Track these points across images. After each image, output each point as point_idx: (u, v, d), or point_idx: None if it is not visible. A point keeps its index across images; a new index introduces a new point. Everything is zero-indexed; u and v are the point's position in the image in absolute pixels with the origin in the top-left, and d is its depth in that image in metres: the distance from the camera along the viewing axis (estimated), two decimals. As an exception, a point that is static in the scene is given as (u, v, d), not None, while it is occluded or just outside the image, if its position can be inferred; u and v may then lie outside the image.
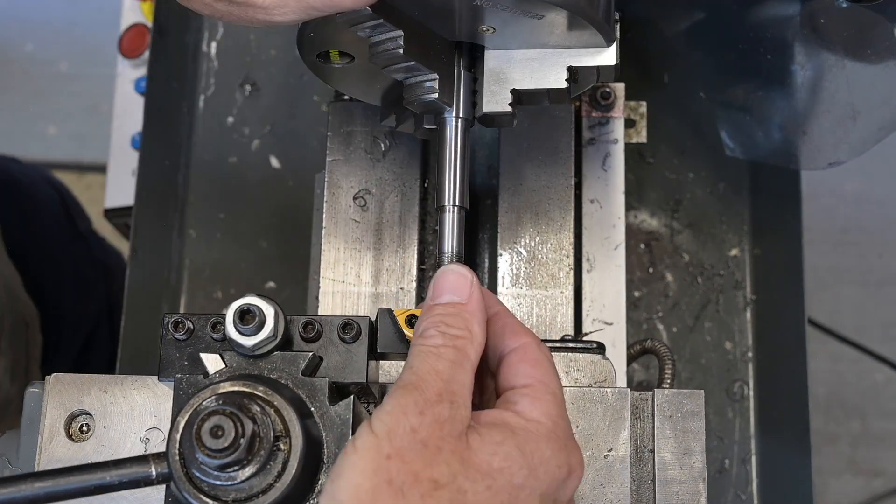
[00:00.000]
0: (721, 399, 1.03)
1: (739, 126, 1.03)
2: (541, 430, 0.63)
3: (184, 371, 0.68)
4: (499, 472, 0.61)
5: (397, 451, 0.59)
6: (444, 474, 0.59)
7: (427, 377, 0.63)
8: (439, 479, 0.59)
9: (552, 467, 0.62)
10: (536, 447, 0.62)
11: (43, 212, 1.32)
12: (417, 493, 0.58)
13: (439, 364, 0.63)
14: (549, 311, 0.84)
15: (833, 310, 2.23)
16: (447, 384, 0.63)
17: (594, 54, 0.74)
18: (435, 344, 0.65)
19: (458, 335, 0.65)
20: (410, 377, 0.63)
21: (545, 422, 0.64)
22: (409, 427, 0.60)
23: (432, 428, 0.61)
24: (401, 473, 0.59)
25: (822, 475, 2.19)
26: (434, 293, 0.68)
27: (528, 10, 0.70)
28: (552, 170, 0.86)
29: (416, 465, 0.59)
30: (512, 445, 0.62)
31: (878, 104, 0.92)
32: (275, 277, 1.09)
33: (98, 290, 1.39)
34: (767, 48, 0.96)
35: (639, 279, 1.05)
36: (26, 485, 0.61)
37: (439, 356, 0.64)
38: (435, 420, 0.61)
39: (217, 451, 0.60)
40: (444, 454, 0.60)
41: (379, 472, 0.59)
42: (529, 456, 0.62)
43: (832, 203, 2.32)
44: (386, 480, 0.58)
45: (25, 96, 2.53)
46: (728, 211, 1.06)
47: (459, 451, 0.60)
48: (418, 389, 0.62)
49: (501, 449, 0.61)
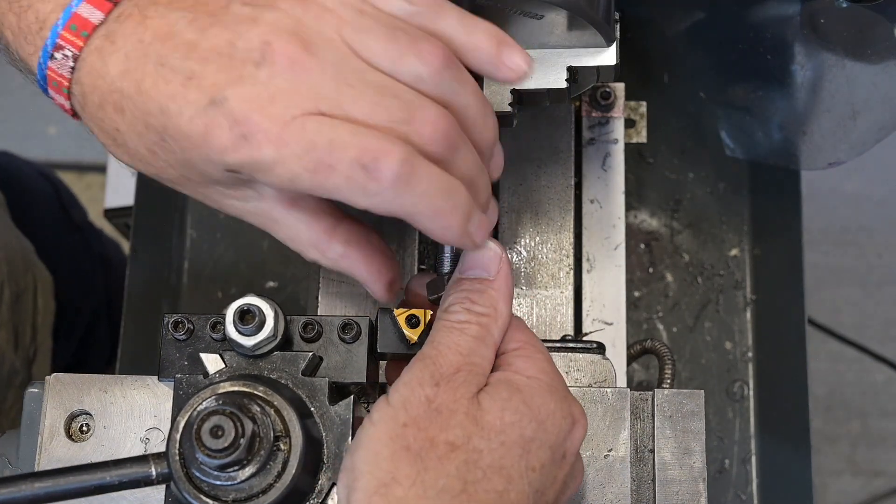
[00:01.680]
0: (721, 399, 1.03)
1: (739, 126, 1.03)
2: (542, 385, 0.65)
3: (184, 371, 0.68)
4: (510, 426, 0.62)
5: (413, 419, 0.61)
6: (458, 436, 0.61)
7: (446, 352, 0.64)
8: (455, 441, 0.61)
9: (558, 419, 0.64)
10: (542, 401, 0.64)
11: (37, 204, 1.31)
12: (435, 456, 0.60)
13: (461, 339, 0.65)
14: (549, 311, 0.84)
15: (833, 310, 2.23)
16: (466, 358, 0.64)
17: (594, 54, 0.74)
18: (459, 320, 0.66)
19: (484, 313, 0.66)
20: (430, 351, 0.64)
21: (543, 377, 0.65)
22: (425, 397, 0.62)
23: (447, 395, 0.62)
24: (417, 440, 0.60)
25: (822, 475, 2.19)
26: (463, 266, 0.68)
27: (528, 10, 0.70)
28: (552, 170, 0.86)
29: (432, 430, 0.61)
30: (519, 401, 0.63)
31: (878, 104, 0.92)
32: (275, 277, 1.09)
33: (96, 281, 1.39)
34: (767, 48, 0.96)
35: (639, 279, 1.05)
36: (26, 485, 0.61)
37: (462, 332, 0.65)
38: (449, 388, 0.62)
39: (217, 451, 0.60)
40: (458, 416, 0.62)
41: (396, 440, 0.60)
42: (537, 409, 0.63)
43: (832, 203, 2.32)
44: (403, 447, 0.60)
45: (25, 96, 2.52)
46: (728, 211, 1.06)
47: (472, 412, 0.62)
48: (436, 364, 0.63)
49: (510, 404, 0.63)
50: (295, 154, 0.59)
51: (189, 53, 0.60)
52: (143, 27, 0.62)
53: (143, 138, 0.62)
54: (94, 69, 0.62)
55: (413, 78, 0.62)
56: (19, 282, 1.20)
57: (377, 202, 0.60)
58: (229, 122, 0.59)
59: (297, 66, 0.60)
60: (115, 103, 0.62)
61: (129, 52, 0.61)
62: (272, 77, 0.59)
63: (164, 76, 0.60)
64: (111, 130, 0.63)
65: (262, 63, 0.59)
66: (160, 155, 0.63)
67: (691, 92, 1.08)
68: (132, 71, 0.61)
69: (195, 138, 0.60)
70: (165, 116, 0.60)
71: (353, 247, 0.67)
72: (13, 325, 1.18)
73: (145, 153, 0.63)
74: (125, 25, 0.62)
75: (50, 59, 0.63)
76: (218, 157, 0.60)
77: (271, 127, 0.59)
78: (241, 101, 0.59)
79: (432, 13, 0.64)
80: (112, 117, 0.63)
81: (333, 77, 0.60)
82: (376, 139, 0.59)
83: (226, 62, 0.60)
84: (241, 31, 0.60)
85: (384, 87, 0.61)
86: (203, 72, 0.60)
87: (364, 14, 0.62)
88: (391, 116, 0.60)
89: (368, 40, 0.62)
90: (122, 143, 0.64)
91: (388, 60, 0.62)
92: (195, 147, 0.61)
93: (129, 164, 0.65)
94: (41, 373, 1.25)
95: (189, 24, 0.61)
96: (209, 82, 0.59)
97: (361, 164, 0.59)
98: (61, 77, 0.63)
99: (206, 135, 0.60)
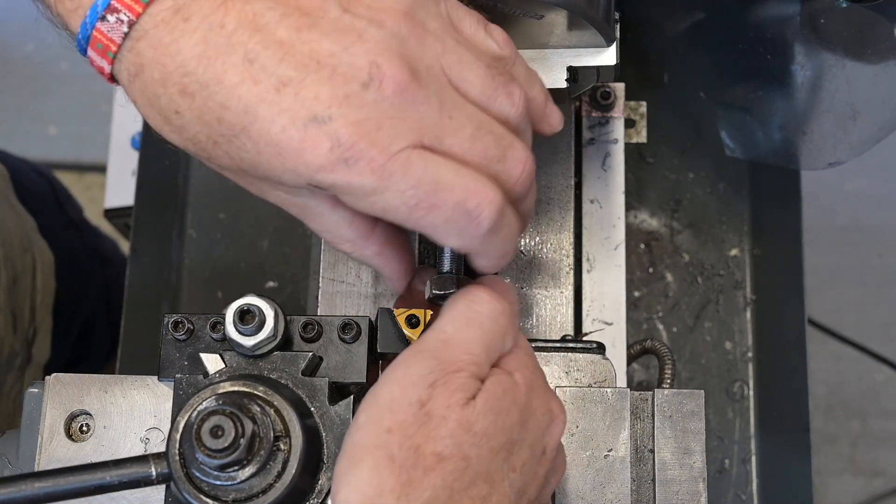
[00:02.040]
0: (721, 399, 1.03)
1: (739, 126, 1.03)
2: (524, 381, 0.63)
3: (184, 371, 0.68)
4: (501, 431, 0.60)
5: (399, 424, 0.58)
6: (447, 446, 0.58)
7: (454, 348, 0.61)
8: (442, 452, 0.58)
9: (538, 416, 0.63)
10: (526, 399, 0.62)
11: (33, 201, 1.31)
12: (421, 468, 0.57)
13: (477, 335, 0.62)
14: (549, 311, 0.84)
15: (833, 310, 2.23)
16: (475, 357, 0.61)
17: (594, 54, 0.74)
18: (482, 311, 0.63)
19: (514, 302, 0.64)
20: (434, 343, 0.61)
21: (526, 373, 0.64)
22: (416, 399, 0.59)
23: (441, 400, 0.59)
24: (402, 448, 0.57)
25: (822, 475, 2.19)
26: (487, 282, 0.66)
27: (528, 10, 0.70)
28: (552, 170, 0.86)
29: (419, 438, 0.58)
30: (510, 402, 0.61)
31: (878, 104, 0.92)
32: (275, 277, 1.09)
33: (93, 277, 1.39)
34: (767, 48, 0.96)
35: (639, 279, 1.05)
36: (26, 485, 0.61)
37: (481, 325, 0.62)
38: (446, 391, 0.59)
39: (217, 451, 0.60)
40: (449, 424, 0.58)
41: (380, 448, 0.57)
42: (522, 409, 0.62)
43: (832, 203, 2.32)
44: (387, 457, 0.57)
45: (25, 96, 2.53)
46: (728, 211, 1.06)
47: (465, 419, 0.59)
48: (438, 359, 0.60)
49: (502, 406, 0.61)
50: (398, 188, 0.58)
51: (283, 55, 0.57)
52: (223, 10, 0.58)
53: (210, 128, 0.59)
54: (160, 44, 0.58)
55: (501, 117, 0.62)
56: (16, 265, 1.20)
57: (465, 243, 0.61)
58: (331, 143, 0.57)
59: (406, 94, 0.58)
60: (182, 86, 0.58)
61: (208, 37, 0.58)
62: (379, 101, 0.57)
63: (254, 75, 0.57)
64: (168, 111, 0.59)
65: (370, 85, 0.57)
66: (223, 146, 0.60)
67: (691, 92, 1.08)
68: (212, 59, 0.57)
69: (285, 149, 0.58)
70: (250, 118, 0.58)
71: (388, 246, 0.66)
72: (10, 309, 1.18)
73: (205, 141, 0.60)
74: (201, 3, 0.58)
75: (100, 19, 0.59)
76: (307, 173, 0.58)
77: (377, 156, 0.57)
78: (348, 124, 0.57)
79: (512, 60, 0.65)
80: (175, 99, 0.59)
81: (438, 108, 0.59)
82: (476, 181, 0.59)
83: (327, 75, 0.57)
84: (347, 44, 0.58)
85: (481, 123, 0.61)
86: (302, 81, 0.57)
87: (461, 45, 0.62)
88: (487, 154, 0.60)
89: (468, 73, 0.61)
90: (179, 126, 0.60)
91: (483, 96, 0.62)
92: (280, 156, 0.58)
93: (177, 144, 0.62)
94: (42, 353, 1.25)
95: (280, 19, 0.58)
96: (310, 95, 0.57)
97: (465, 209, 0.59)
98: (110, 41, 0.59)
99: (301, 150, 0.57)
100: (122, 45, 0.59)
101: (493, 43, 0.64)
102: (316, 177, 0.58)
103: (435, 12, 0.62)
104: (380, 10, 0.59)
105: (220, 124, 0.59)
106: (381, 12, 0.59)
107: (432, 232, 0.61)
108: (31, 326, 1.23)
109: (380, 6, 0.60)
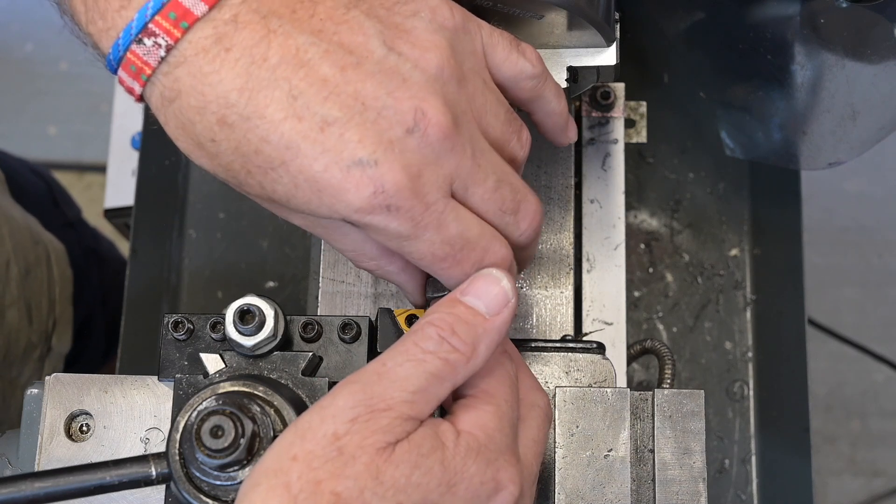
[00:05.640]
0: (721, 399, 1.03)
1: (739, 126, 1.03)
2: (472, 443, 0.59)
3: (184, 371, 0.68)
4: (415, 487, 0.56)
5: (306, 454, 0.55)
6: (349, 488, 0.55)
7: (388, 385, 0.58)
8: (342, 493, 0.54)
9: (475, 484, 0.58)
10: (462, 463, 0.58)
11: (30, 200, 1.31)
12: None
13: (415, 374, 0.58)
14: (549, 311, 0.84)
15: (833, 310, 2.23)
16: (409, 396, 0.57)
17: (594, 54, 0.74)
18: (425, 349, 0.59)
19: (458, 349, 0.59)
20: (370, 376, 0.58)
21: (479, 434, 0.59)
22: (332, 432, 0.56)
23: (356, 437, 0.56)
24: (301, 479, 0.55)
25: (822, 475, 2.19)
26: (465, 287, 0.62)
27: (528, 10, 0.70)
28: (552, 170, 0.86)
29: (322, 473, 0.55)
30: (436, 460, 0.57)
31: (878, 104, 0.92)
32: (275, 277, 1.09)
33: (90, 277, 1.39)
34: (767, 48, 0.96)
35: (639, 279, 1.05)
36: (26, 485, 0.61)
37: (421, 364, 0.58)
38: (365, 429, 0.56)
39: (217, 451, 0.60)
40: (357, 466, 0.55)
41: (279, 474, 0.55)
42: (452, 472, 0.57)
43: (832, 203, 2.32)
44: (283, 484, 0.55)
45: (25, 96, 2.53)
46: (728, 211, 1.06)
47: (376, 464, 0.55)
48: (367, 393, 0.57)
49: (425, 463, 0.57)
50: (430, 240, 0.60)
51: (328, 94, 0.57)
52: (266, 43, 0.57)
53: (246, 159, 0.59)
54: (200, 72, 0.57)
55: (510, 157, 0.64)
56: (28, 256, 1.19)
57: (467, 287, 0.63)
58: (375, 188, 0.57)
59: (447, 141, 0.59)
60: (221, 116, 0.58)
61: (251, 69, 0.57)
62: (422, 147, 0.58)
63: (298, 111, 0.57)
64: (203, 138, 0.59)
65: (415, 131, 0.58)
66: (256, 177, 0.59)
67: (691, 92, 1.08)
68: (254, 91, 0.57)
69: (325, 187, 0.58)
70: (292, 154, 0.57)
71: (410, 263, 0.65)
72: (25, 301, 1.17)
73: (238, 169, 0.60)
74: (243, 34, 0.57)
75: (135, 42, 0.58)
76: (345, 211, 0.58)
77: (416, 206, 0.58)
78: (393, 171, 0.57)
79: (545, 77, 0.68)
80: (212, 128, 0.58)
81: (471, 156, 0.60)
82: (492, 240, 0.62)
83: (372, 118, 0.57)
84: (391, 88, 0.58)
85: (503, 173, 0.63)
86: (347, 122, 0.57)
87: (488, 88, 0.63)
88: (503, 206, 0.62)
89: (492, 118, 0.63)
90: (213, 153, 0.59)
91: (501, 140, 0.63)
92: (318, 192, 0.58)
93: (206, 168, 0.61)
94: (63, 343, 1.25)
95: (324, 56, 0.58)
96: (354, 137, 0.57)
97: (481, 267, 0.62)
98: (145, 64, 0.58)
99: (343, 190, 0.57)
100: (157, 69, 0.59)
101: (527, 63, 0.66)
102: (353, 216, 0.59)
103: (471, 49, 0.63)
104: (425, 50, 0.60)
105: (258, 156, 0.59)
106: (427, 52, 0.60)
107: (445, 279, 0.63)
108: (51, 317, 1.22)
109: (424, 44, 0.60)
